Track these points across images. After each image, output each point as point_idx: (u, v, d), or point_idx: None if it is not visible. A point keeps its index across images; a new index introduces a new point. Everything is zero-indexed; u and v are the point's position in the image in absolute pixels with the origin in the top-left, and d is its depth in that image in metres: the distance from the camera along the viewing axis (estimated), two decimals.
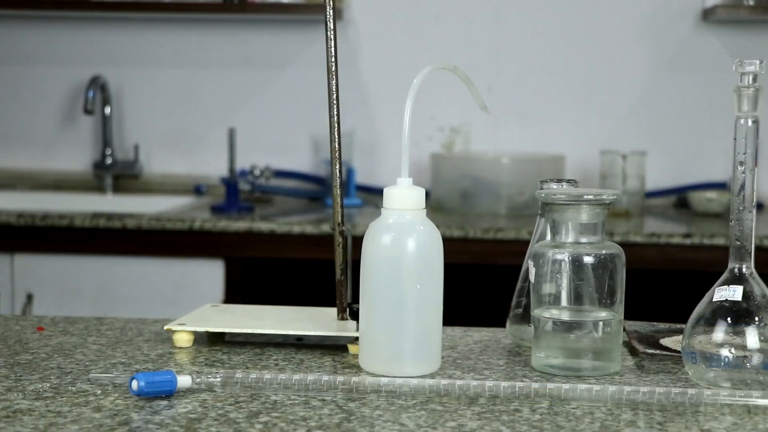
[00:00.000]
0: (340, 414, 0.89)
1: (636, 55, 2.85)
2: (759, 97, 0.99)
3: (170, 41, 2.98)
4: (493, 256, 2.37)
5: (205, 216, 2.50)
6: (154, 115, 3.01)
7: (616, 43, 2.86)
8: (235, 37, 2.97)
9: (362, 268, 1.02)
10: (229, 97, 2.98)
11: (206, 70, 2.99)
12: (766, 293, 0.99)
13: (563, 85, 2.88)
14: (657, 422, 0.88)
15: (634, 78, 2.86)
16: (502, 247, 2.35)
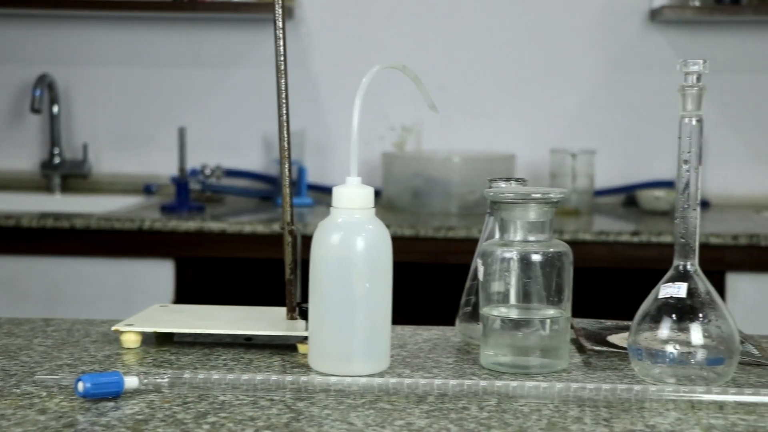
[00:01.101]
0: (288, 414, 0.89)
1: (585, 55, 2.88)
2: (703, 96, 1.00)
3: (120, 39, 2.96)
4: (444, 254, 2.38)
5: (155, 216, 2.48)
6: (104, 114, 2.98)
7: (565, 43, 2.88)
8: (185, 35, 2.95)
9: (311, 267, 1.02)
10: (179, 96, 2.97)
11: (156, 68, 2.96)
12: (710, 290, 1.00)
13: (514, 84, 2.90)
14: (603, 418, 0.89)
15: (584, 78, 2.88)
16: (453, 246, 2.36)
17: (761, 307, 2.29)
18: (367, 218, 1.02)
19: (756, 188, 2.85)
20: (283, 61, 1.14)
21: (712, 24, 2.82)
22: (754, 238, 2.30)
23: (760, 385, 0.99)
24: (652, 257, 2.34)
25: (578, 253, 2.56)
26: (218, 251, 2.44)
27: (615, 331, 1.18)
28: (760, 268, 2.31)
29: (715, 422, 0.88)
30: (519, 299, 1.05)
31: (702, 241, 2.30)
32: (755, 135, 2.85)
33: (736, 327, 0.99)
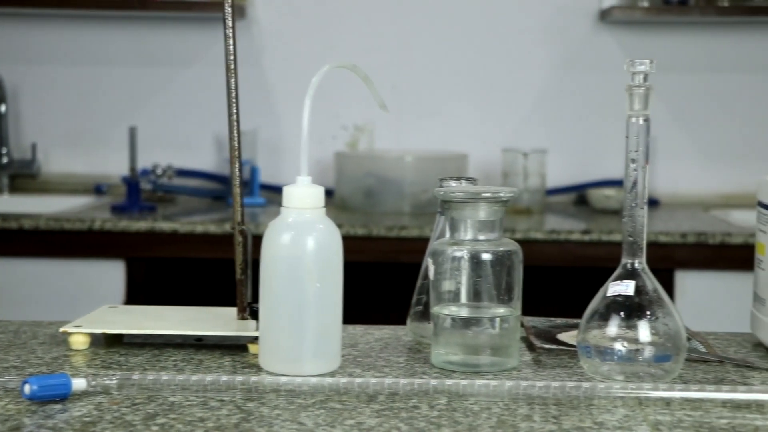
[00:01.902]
0: (238, 414, 0.89)
1: (536, 55, 2.89)
2: (650, 96, 1.01)
3: (69, 38, 2.93)
4: (397, 254, 2.38)
5: (106, 216, 2.46)
6: (53, 114, 2.95)
7: (517, 43, 2.89)
8: (136, 34, 2.93)
9: (262, 267, 1.02)
10: (130, 96, 2.94)
11: (107, 67, 2.94)
12: (657, 288, 1.01)
13: (466, 84, 2.91)
14: (552, 416, 0.89)
15: (535, 77, 2.90)
16: (406, 245, 2.36)
17: (709, 304, 2.32)
18: (318, 218, 1.02)
19: (704, 187, 2.88)
20: (233, 60, 1.13)
21: (660, 24, 2.85)
22: (702, 236, 2.33)
23: (706, 381, 1.00)
24: (602, 255, 2.36)
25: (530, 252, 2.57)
26: (170, 251, 2.42)
27: (565, 329, 1.19)
28: (707, 265, 2.34)
29: (662, 418, 0.89)
30: (469, 298, 1.05)
31: (651, 240, 2.32)
32: (703, 134, 2.89)
33: (682, 324, 1.01)
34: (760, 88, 2.87)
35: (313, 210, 1.01)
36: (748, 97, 2.87)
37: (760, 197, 1.15)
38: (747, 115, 2.86)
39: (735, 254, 2.30)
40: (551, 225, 2.52)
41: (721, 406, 0.92)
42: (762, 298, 1.13)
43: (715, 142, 2.89)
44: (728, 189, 2.85)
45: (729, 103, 2.88)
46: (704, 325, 1.41)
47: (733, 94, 2.88)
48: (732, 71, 2.87)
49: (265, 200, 2.75)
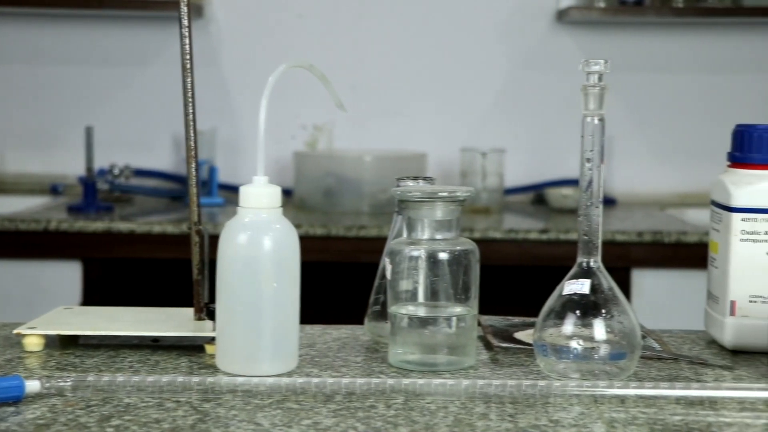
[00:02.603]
0: (194, 415, 0.88)
1: (495, 55, 2.91)
2: (604, 96, 1.01)
3: (25, 37, 2.90)
4: (356, 253, 2.38)
5: (62, 216, 2.43)
6: (7, 113, 2.92)
7: (475, 42, 2.90)
8: (92, 33, 2.90)
9: (218, 267, 1.01)
10: (86, 95, 2.92)
11: (62, 66, 2.91)
12: (613, 286, 1.02)
13: (425, 83, 2.92)
14: (508, 414, 0.90)
15: (494, 77, 2.91)
16: (365, 245, 2.36)
17: (665, 302, 2.35)
18: (275, 218, 1.01)
19: (660, 186, 2.91)
20: (189, 59, 1.13)
21: (616, 25, 2.88)
22: (658, 235, 2.35)
23: (660, 378, 1.01)
24: (560, 254, 2.37)
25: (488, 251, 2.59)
26: (127, 252, 2.41)
27: (522, 328, 1.20)
28: (663, 264, 2.36)
29: (617, 416, 0.90)
30: (427, 297, 1.05)
31: (608, 238, 2.34)
32: (660, 134, 2.92)
33: (637, 322, 1.01)
34: (714, 88, 2.90)
35: (269, 210, 1.01)
36: (704, 97, 2.90)
37: (713, 196, 1.16)
38: (702, 115, 2.89)
39: (690, 252, 2.32)
40: (509, 224, 2.54)
41: (675, 403, 0.93)
42: (715, 296, 1.14)
43: (671, 141, 2.91)
44: (684, 188, 2.88)
45: (685, 102, 2.91)
46: (661, 323, 1.42)
47: (689, 94, 2.90)
48: (687, 71, 2.90)
49: (223, 200, 2.74)
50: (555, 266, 2.23)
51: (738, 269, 1.11)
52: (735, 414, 0.91)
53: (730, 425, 0.88)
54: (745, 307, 1.10)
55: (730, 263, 1.11)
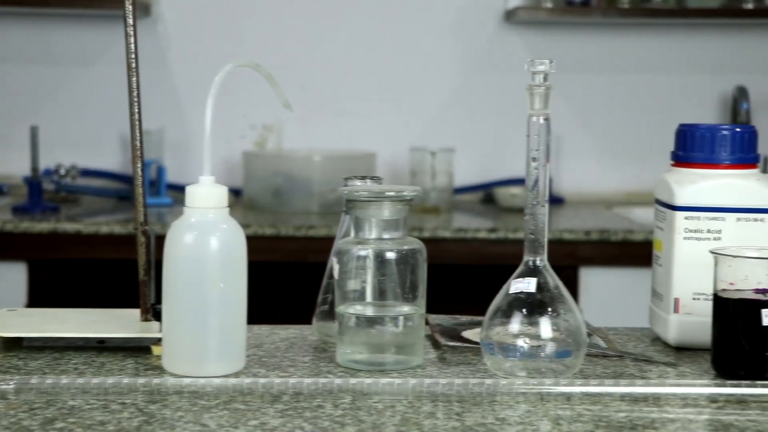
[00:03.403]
0: (140, 417, 0.88)
1: (444, 55, 2.92)
2: (550, 95, 1.02)
3: None
4: (305, 253, 2.38)
5: (7, 217, 2.40)
6: None
7: (425, 42, 2.91)
8: (37, 31, 2.87)
9: (164, 268, 1.01)
10: (31, 94, 2.88)
11: (7, 65, 2.87)
12: (558, 285, 1.03)
13: (374, 83, 2.92)
14: (455, 413, 0.90)
15: (443, 77, 2.92)
16: (314, 245, 2.36)
17: (612, 300, 2.37)
18: (221, 217, 1.01)
19: (607, 185, 2.94)
20: (135, 59, 1.12)
21: (564, 25, 2.90)
22: (605, 233, 2.38)
23: (605, 375, 1.02)
24: (509, 253, 2.38)
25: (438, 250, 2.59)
26: (73, 253, 2.38)
27: (469, 327, 1.20)
28: (610, 262, 2.39)
29: (563, 413, 0.90)
30: (374, 297, 1.05)
31: (556, 237, 2.36)
32: (607, 133, 2.94)
33: (583, 320, 1.02)
34: (660, 88, 2.93)
35: (216, 210, 1.01)
36: (649, 97, 2.93)
37: (657, 195, 1.18)
38: (648, 115, 2.92)
39: (636, 251, 2.34)
40: (459, 223, 2.55)
41: (620, 399, 0.94)
42: (659, 294, 1.16)
43: (618, 141, 2.94)
44: (630, 187, 2.91)
45: (631, 102, 2.94)
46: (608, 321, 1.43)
47: (635, 94, 2.94)
48: (633, 71, 2.93)
49: (172, 200, 2.72)
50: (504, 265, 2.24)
51: (681, 267, 1.12)
52: (678, 410, 0.92)
53: (673, 421, 0.89)
54: (689, 305, 1.12)
55: (674, 261, 1.12)
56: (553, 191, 2.85)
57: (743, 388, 0.94)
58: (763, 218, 1.11)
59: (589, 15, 2.79)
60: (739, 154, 1.13)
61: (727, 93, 2.90)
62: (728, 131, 1.13)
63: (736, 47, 2.92)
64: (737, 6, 2.78)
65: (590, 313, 2.33)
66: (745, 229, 1.11)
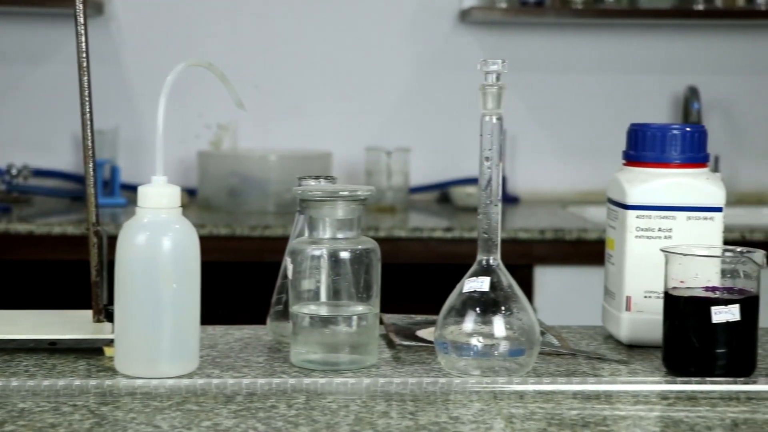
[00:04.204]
0: (91, 419, 0.87)
1: (399, 54, 2.92)
2: (502, 95, 1.03)
3: None
4: (261, 253, 2.37)
5: None
6: None
7: (380, 42, 2.91)
8: None
9: (116, 268, 1.00)
10: None
11: None
12: (512, 283, 1.03)
13: (330, 83, 2.92)
14: (409, 412, 0.90)
15: (398, 76, 2.93)
16: (269, 245, 2.35)
17: (567, 299, 2.38)
18: (174, 218, 1.00)
19: (562, 184, 2.95)
20: (86, 58, 1.11)
21: (518, 25, 2.91)
22: (560, 232, 2.39)
23: (558, 374, 1.03)
24: (464, 252, 2.39)
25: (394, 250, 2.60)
26: (25, 254, 2.35)
27: (424, 326, 1.21)
28: (565, 261, 2.40)
29: (516, 411, 0.91)
30: (329, 296, 1.05)
31: (511, 236, 2.37)
32: (561, 133, 2.96)
33: (536, 319, 1.03)
34: (613, 88, 2.95)
35: (169, 210, 1.00)
36: (603, 97, 2.96)
37: (609, 194, 1.19)
38: (601, 114, 2.95)
39: (590, 249, 2.36)
40: (414, 223, 2.55)
41: (572, 397, 0.94)
42: (612, 292, 1.17)
43: (572, 140, 2.96)
44: (585, 186, 2.93)
45: (585, 102, 2.96)
46: (562, 319, 1.45)
47: (589, 94, 2.96)
48: (587, 71, 2.95)
49: (126, 200, 2.70)
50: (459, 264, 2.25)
51: (633, 266, 1.13)
52: (629, 407, 0.93)
53: (624, 418, 0.90)
54: (640, 303, 1.13)
55: (626, 260, 1.13)
56: (509, 191, 2.86)
57: (693, 384, 0.95)
58: (713, 217, 1.13)
59: (543, 15, 2.81)
60: (690, 153, 1.14)
61: (679, 93, 2.93)
62: (678, 131, 1.15)
63: (687, 48, 2.95)
64: (688, 7, 2.81)
65: (545, 311, 2.35)
66: (695, 227, 1.12)
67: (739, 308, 0.99)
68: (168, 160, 1.00)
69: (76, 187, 2.83)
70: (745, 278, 1.01)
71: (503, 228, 2.37)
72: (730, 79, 2.96)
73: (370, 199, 1.08)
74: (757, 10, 2.82)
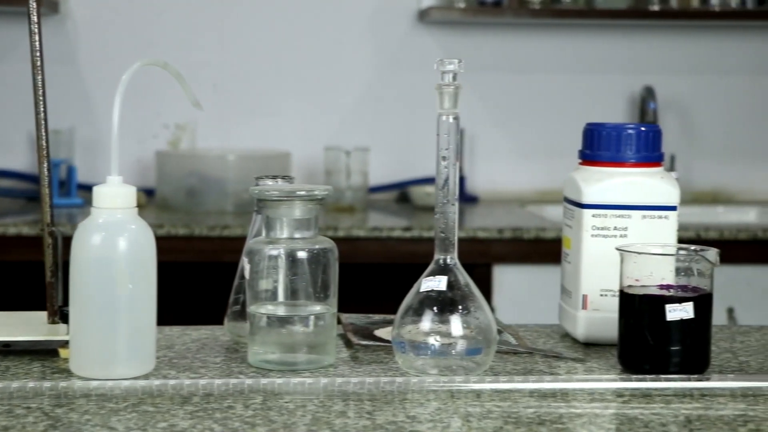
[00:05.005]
0: (46, 421, 0.86)
1: (358, 54, 2.92)
2: (459, 94, 1.03)
3: None
4: (219, 253, 2.36)
5: None
6: None
7: (339, 41, 2.91)
8: None
9: (71, 269, 0.99)
10: None
11: None
12: (469, 282, 1.04)
13: (288, 82, 2.91)
14: (366, 411, 0.90)
15: (357, 76, 2.93)
16: (228, 245, 2.34)
17: (525, 297, 2.40)
18: (130, 218, 1.00)
19: (521, 183, 2.97)
20: (39, 57, 1.10)
21: (476, 25, 2.92)
22: (518, 231, 2.40)
23: (515, 372, 1.03)
24: (423, 252, 2.39)
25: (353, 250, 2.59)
26: None
27: (382, 325, 1.21)
28: (523, 260, 2.41)
29: (473, 410, 0.91)
30: (286, 296, 1.05)
31: (470, 235, 2.38)
32: (520, 132, 2.98)
33: (493, 318, 1.03)
34: (570, 88, 2.97)
35: (124, 210, 0.99)
36: (560, 96, 2.97)
37: (566, 193, 1.20)
38: (559, 114, 2.96)
39: (549, 248, 2.37)
40: (374, 222, 2.55)
41: (529, 396, 0.95)
42: (568, 291, 1.17)
43: (531, 139, 2.98)
44: (543, 185, 2.95)
45: (543, 101, 2.97)
46: (521, 318, 1.45)
47: (547, 93, 2.97)
48: (545, 71, 2.97)
49: (83, 201, 2.68)
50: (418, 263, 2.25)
51: (589, 264, 1.14)
52: (585, 405, 0.93)
53: (580, 416, 0.91)
54: (596, 301, 1.14)
55: (582, 258, 1.14)
56: (468, 190, 2.87)
57: (648, 382, 0.96)
58: (668, 215, 1.14)
59: (501, 15, 2.82)
60: (644, 152, 1.15)
61: (635, 93, 2.96)
62: (633, 130, 1.16)
63: (643, 48, 2.98)
64: (644, 8, 2.83)
65: (504, 310, 2.36)
66: (650, 226, 1.13)
67: (693, 306, 1.00)
68: (126, 160, 1.00)
69: (32, 188, 2.80)
70: (699, 276, 1.02)
71: (462, 227, 2.39)
72: (686, 79, 2.99)
73: (329, 199, 1.08)
74: (711, 11, 2.85)
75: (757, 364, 1.08)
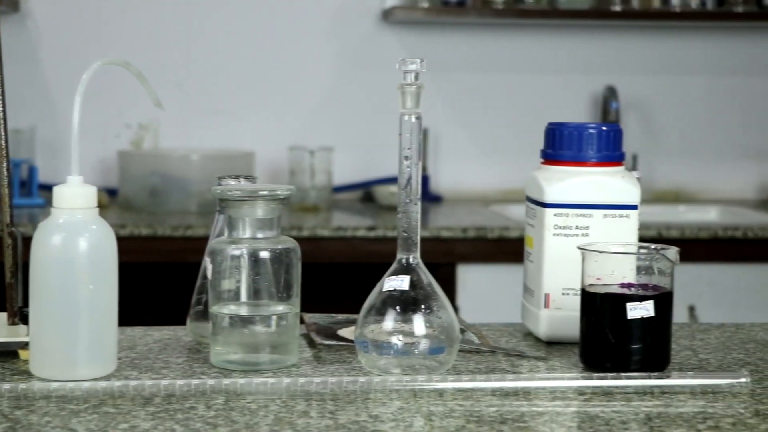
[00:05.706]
0: (5, 423, 0.85)
1: (322, 54, 2.92)
2: (421, 94, 1.03)
3: None
4: (183, 253, 2.35)
5: None
6: None
7: (302, 41, 2.91)
8: None
9: (31, 270, 0.99)
10: None
11: None
12: (431, 282, 1.04)
13: (252, 82, 2.90)
14: (329, 411, 0.90)
15: (321, 76, 2.92)
16: (192, 245, 2.33)
17: (489, 296, 2.40)
18: (91, 218, 0.99)
19: (484, 182, 2.98)
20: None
21: (440, 25, 2.93)
22: (482, 230, 2.41)
23: (478, 371, 1.04)
24: (388, 251, 2.38)
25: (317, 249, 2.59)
26: None
27: (345, 325, 1.21)
28: (487, 259, 2.42)
29: (435, 409, 0.91)
30: (249, 296, 1.05)
31: (434, 235, 2.39)
32: (483, 132, 2.99)
33: (456, 317, 1.04)
34: (533, 87, 2.99)
35: (85, 210, 0.99)
36: (523, 96, 2.99)
37: (528, 192, 1.20)
38: (522, 113, 2.98)
39: (512, 247, 2.38)
40: (338, 222, 2.55)
41: (491, 394, 0.95)
42: (531, 289, 1.18)
43: (494, 139, 2.99)
44: (507, 184, 2.96)
45: (506, 101, 2.99)
46: (485, 317, 1.46)
47: (510, 93, 2.99)
48: (508, 71, 2.98)
49: (44, 201, 2.66)
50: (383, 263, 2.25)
51: (551, 263, 1.14)
52: (547, 403, 0.94)
53: (542, 414, 0.91)
54: (558, 300, 1.14)
55: (544, 257, 1.15)
56: (432, 189, 2.88)
57: (609, 380, 0.97)
58: (629, 214, 1.15)
59: (465, 15, 2.83)
60: (606, 152, 1.16)
61: (598, 92, 2.98)
62: (595, 130, 1.16)
63: (605, 48, 3.00)
64: (606, 8, 2.85)
65: (468, 309, 2.37)
66: (611, 225, 1.14)
67: (653, 304, 1.01)
68: (88, 160, 0.99)
69: None
70: (660, 275, 1.03)
71: (426, 227, 2.39)
72: (648, 78, 3.02)
73: (293, 199, 1.08)
74: (672, 12, 2.88)
75: (717, 361, 1.09)
